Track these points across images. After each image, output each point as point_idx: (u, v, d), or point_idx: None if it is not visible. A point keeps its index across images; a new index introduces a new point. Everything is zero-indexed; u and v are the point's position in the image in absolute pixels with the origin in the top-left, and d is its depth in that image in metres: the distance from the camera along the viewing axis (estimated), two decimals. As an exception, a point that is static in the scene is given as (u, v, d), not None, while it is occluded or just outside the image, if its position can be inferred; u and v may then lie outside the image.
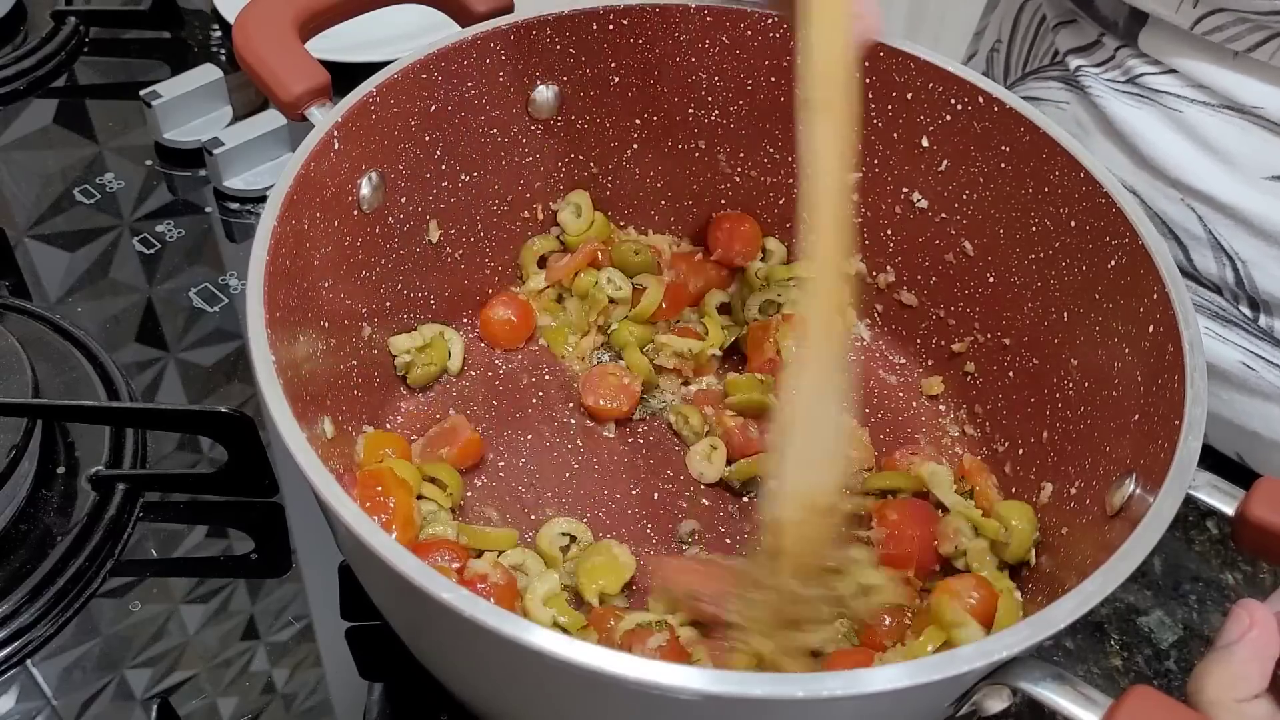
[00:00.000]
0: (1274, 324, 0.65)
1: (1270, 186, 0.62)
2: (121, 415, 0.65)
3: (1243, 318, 0.66)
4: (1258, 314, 0.66)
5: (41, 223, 0.79)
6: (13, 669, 0.56)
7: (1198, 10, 0.60)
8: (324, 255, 0.56)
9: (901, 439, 0.67)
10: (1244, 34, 0.60)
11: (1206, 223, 0.65)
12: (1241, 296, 0.66)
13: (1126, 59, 0.66)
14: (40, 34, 0.92)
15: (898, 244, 0.69)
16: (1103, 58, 0.68)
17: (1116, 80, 0.67)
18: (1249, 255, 0.64)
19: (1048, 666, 0.39)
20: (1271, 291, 0.64)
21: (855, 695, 0.37)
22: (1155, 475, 0.46)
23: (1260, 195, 0.63)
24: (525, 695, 0.46)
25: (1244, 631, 0.42)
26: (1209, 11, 0.60)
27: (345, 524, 0.40)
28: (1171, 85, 0.65)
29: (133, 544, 0.61)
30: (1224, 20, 0.60)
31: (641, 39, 0.65)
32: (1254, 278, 0.65)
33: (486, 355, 0.69)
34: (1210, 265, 0.66)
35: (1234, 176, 0.63)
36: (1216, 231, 0.65)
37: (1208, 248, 0.65)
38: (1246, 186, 0.63)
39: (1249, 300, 0.66)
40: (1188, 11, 0.61)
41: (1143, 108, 0.65)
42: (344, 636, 0.59)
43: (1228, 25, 0.60)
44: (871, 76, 0.63)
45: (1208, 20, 0.61)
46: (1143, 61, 0.66)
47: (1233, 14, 0.59)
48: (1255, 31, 0.59)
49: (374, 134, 0.58)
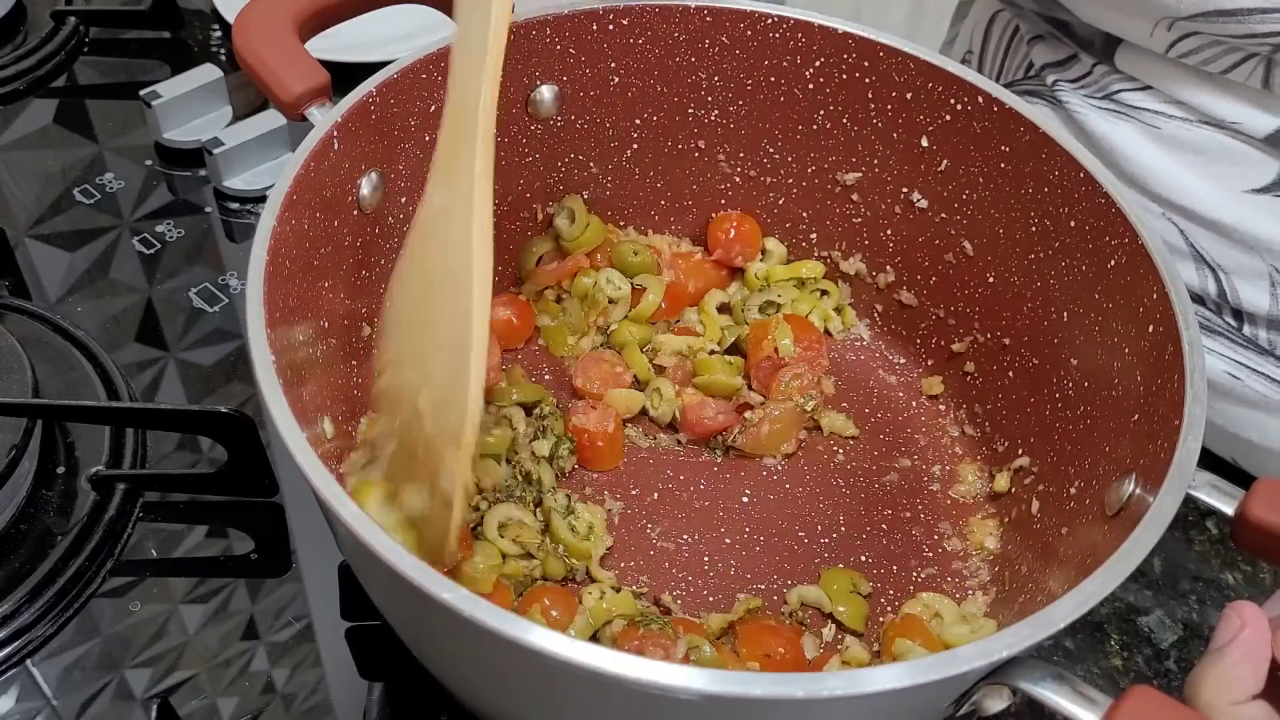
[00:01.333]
0: (1258, 333, 0.65)
1: (1250, 199, 0.62)
2: (121, 415, 0.65)
3: (1227, 327, 0.66)
4: (1241, 324, 0.66)
5: (41, 223, 0.79)
6: (13, 669, 0.56)
7: (1172, 34, 0.60)
8: (324, 255, 0.56)
9: (901, 439, 0.67)
10: (1219, 56, 0.60)
11: (1187, 235, 0.65)
12: (1224, 307, 0.66)
13: (1103, 76, 0.66)
14: (40, 34, 0.92)
15: (898, 244, 0.69)
16: (1079, 73, 0.68)
17: (1094, 96, 0.67)
18: (1230, 267, 0.64)
19: (1047, 666, 0.39)
20: (1254, 302, 0.64)
21: (855, 695, 0.37)
22: (1155, 475, 0.46)
23: (1240, 208, 0.62)
24: (525, 695, 0.46)
25: (1235, 633, 0.42)
26: (1183, 35, 0.60)
27: (345, 524, 0.40)
28: (1149, 101, 0.64)
29: (133, 544, 0.61)
30: (1199, 43, 0.60)
31: (641, 39, 0.65)
32: (1236, 289, 0.64)
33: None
34: (1192, 277, 0.66)
35: (1214, 189, 0.63)
36: (1198, 244, 0.65)
37: (1189, 260, 0.65)
38: (1226, 199, 0.63)
39: (1232, 311, 0.66)
40: (1162, 36, 0.61)
41: (1121, 123, 0.65)
42: (344, 636, 0.59)
43: (1203, 48, 0.60)
44: (871, 76, 0.64)
45: (1183, 44, 0.60)
46: (1119, 79, 0.65)
47: (1207, 37, 0.59)
48: (1230, 54, 0.59)
49: (374, 134, 0.58)
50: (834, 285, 0.72)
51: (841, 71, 0.64)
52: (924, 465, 0.66)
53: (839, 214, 0.70)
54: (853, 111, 0.65)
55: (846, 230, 0.70)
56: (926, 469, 0.66)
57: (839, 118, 0.66)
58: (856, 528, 0.63)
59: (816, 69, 0.64)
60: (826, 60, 0.64)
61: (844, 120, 0.66)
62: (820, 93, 0.65)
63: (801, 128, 0.67)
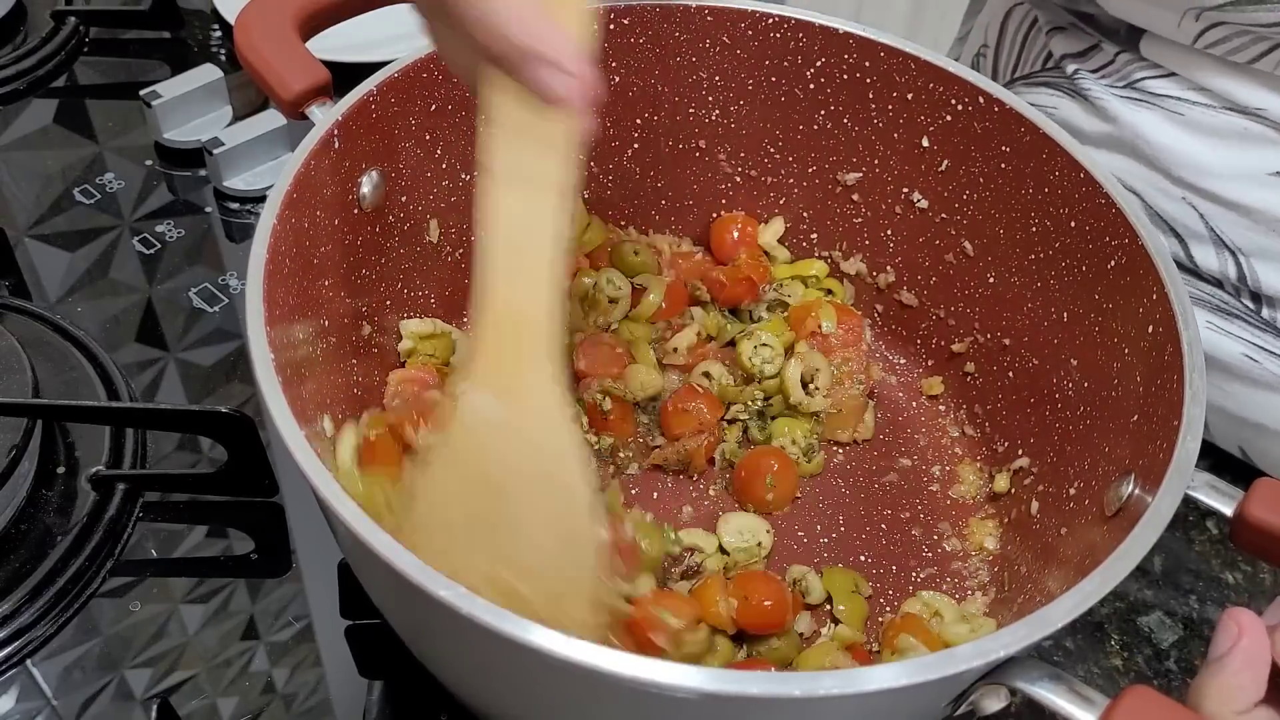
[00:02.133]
0: (1277, 316, 0.66)
1: (1274, 181, 0.62)
2: (121, 415, 0.65)
3: (1245, 309, 0.66)
4: (1260, 306, 0.66)
5: (41, 223, 0.79)
6: (13, 669, 0.56)
7: (1199, 25, 0.60)
8: (324, 254, 0.56)
9: (901, 439, 0.67)
10: (1246, 45, 0.60)
11: (1207, 219, 0.65)
12: (1243, 290, 0.66)
13: (1126, 64, 0.66)
14: (40, 34, 0.92)
15: (898, 244, 0.69)
16: (1101, 62, 0.68)
17: (1116, 84, 0.67)
18: (1251, 249, 0.64)
19: (1045, 666, 0.39)
20: (1273, 284, 0.65)
21: (852, 694, 0.37)
22: (1154, 475, 0.46)
23: (1262, 190, 0.63)
24: (524, 693, 0.46)
25: (1234, 641, 0.42)
26: (1210, 25, 0.60)
27: (345, 523, 0.40)
28: (1172, 89, 0.64)
29: (133, 544, 0.61)
30: (1226, 33, 0.60)
31: (641, 39, 0.65)
32: (1256, 271, 0.65)
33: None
34: (1211, 261, 0.66)
35: (1237, 171, 0.63)
36: (1218, 228, 0.65)
37: (1209, 244, 0.65)
38: (1250, 181, 0.63)
39: (1251, 294, 0.66)
40: (1189, 27, 0.61)
41: (1143, 109, 0.65)
42: (344, 636, 0.59)
43: (1230, 38, 0.60)
44: (872, 76, 0.64)
45: (1210, 34, 0.61)
46: (1143, 66, 0.66)
47: (1235, 27, 0.59)
48: (1258, 43, 0.59)
49: (374, 133, 0.58)
50: (838, 284, 0.72)
51: (842, 71, 0.64)
52: (924, 465, 0.66)
53: (839, 214, 0.70)
54: (853, 111, 0.65)
55: (847, 230, 0.70)
56: (926, 469, 0.66)
57: (840, 118, 0.66)
58: (856, 528, 0.63)
59: (817, 69, 0.64)
60: (827, 60, 0.64)
61: (845, 120, 0.66)
62: (821, 93, 0.65)
63: (802, 128, 0.67)
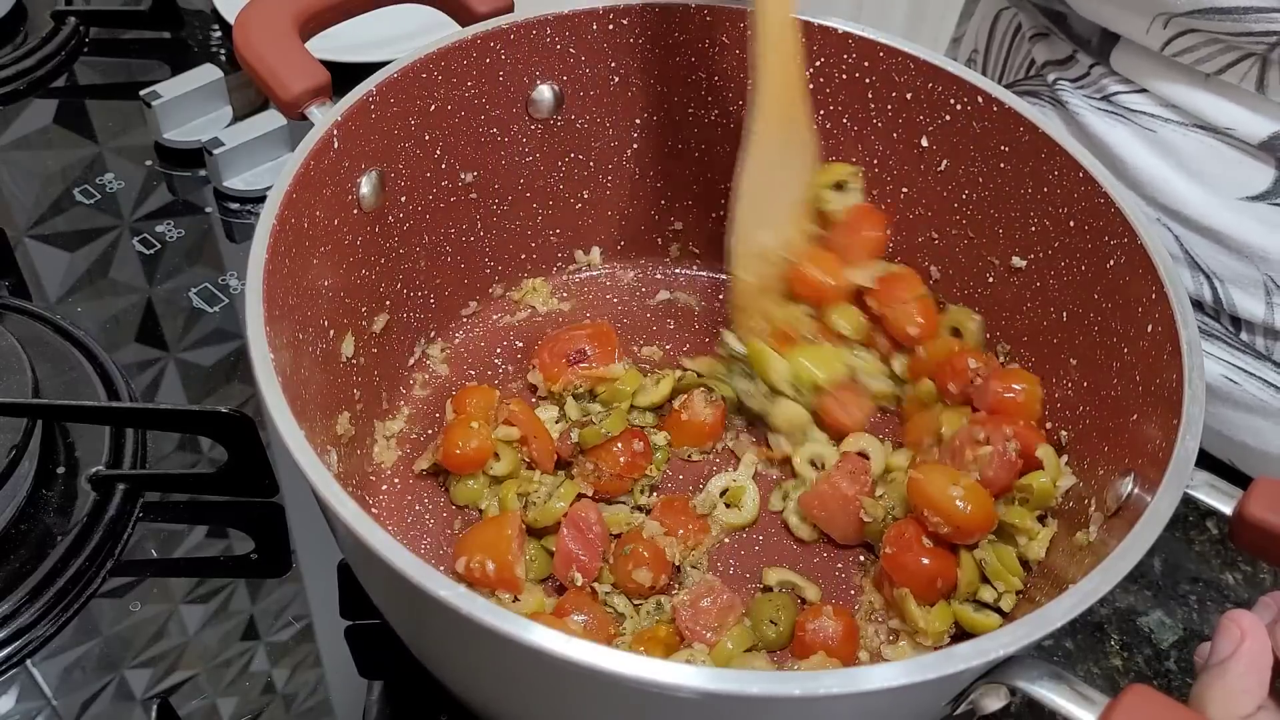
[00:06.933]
0: (1255, 339, 0.65)
1: (1244, 207, 0.62)
2: (121, 415, 0.65)
3: (1224, 331, 0.66)
4: (1238, 329, 0.66)
5: (41, 223, 0.79)
6: (13, 669, 0.56)
7: (1168, 31, 0.60)
8: (324, 254, 0.56)
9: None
10: (1214, 55, 0.60)
11: (1183, 242, 0.65)
12: (1221, 312, 0.66)
13: (1100, 77, 0.66)
14: (40, 34, 0.92)
15: (897, 244, 0.68)
16: (1078, 73, 0.68)
17: (1092, 96, 0.67)
18: (1225, 274, 0.64)
19: (1045, 665, 0.39)
20: (1249, 310, 0.64)
21: (852, 693, 0.37)
22: (1153, 475, 0.46)
23: (1234, 215, 0.63)
24: (524, 693, 0.46)
25: (1236, 645, 0.42)
26: (1180, 33, 0.60)
27: (345, 524, 0.40)
28: (1144, 104, 0.64)
29: (133, 544, 0.62)
30: (1195, 41, 0.60)
31: (641, 39, 0.65)
32: (1231, 297, 0.65)
33: (489, 352, 0.70)
34: (1188, 283, 0.66)
35: (1208, 196, 0.63)
36: (1193, 251, 0.65)
37: (1184, 266, 0.65)
38: (1221, 207, 0.63)
39: (1230, 316, 0.66)
40: (1158, 33, 0.61)
41: (1119, 125, 0.65)
42: (344, 636, 0.59)
43: (1198, 46, 0.60)
44: (871, 76, 0.64)
45: (1178, 41, 0.60)
46: (1115, 80, 0.66)
47: (1204, 35, 0.59)
48: (1226, 53, 0.59)
49: (374, 133, 0.58)
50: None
51: (841, 71, 0.64)
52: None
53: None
54: (853, 111, 0.65)
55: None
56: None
57: (839, 118, 0.66)
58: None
59: (817, 69, 0.64)
60: (826, 60, 0.64)
61: (844, 120, 0.66)
62: (820, 93, 0.65)
63: (801, 127, 0.67)
